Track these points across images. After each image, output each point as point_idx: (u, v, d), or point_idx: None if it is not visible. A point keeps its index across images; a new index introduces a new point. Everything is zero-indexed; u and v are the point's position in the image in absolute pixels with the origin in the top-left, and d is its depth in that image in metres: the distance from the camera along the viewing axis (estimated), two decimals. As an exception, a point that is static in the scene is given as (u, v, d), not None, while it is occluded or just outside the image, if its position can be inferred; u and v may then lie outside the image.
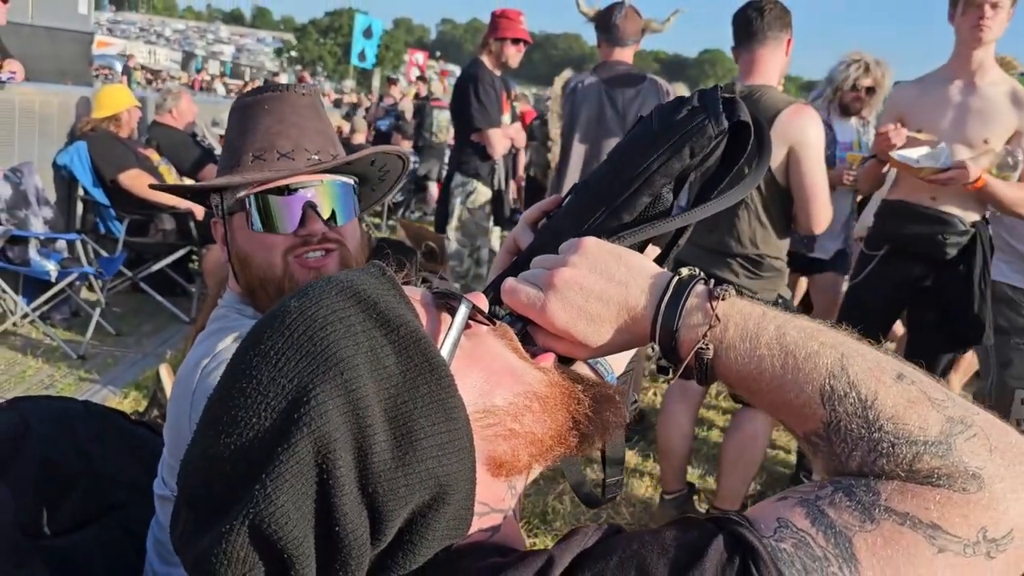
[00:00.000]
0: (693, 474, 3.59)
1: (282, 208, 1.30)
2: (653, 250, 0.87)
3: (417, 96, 12.48)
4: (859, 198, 4.08)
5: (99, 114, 5.36)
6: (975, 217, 2.95)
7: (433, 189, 9.86)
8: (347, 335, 0.58)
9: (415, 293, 0.69)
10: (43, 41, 7.60)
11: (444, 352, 0.64)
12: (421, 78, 16.04)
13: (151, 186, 1.71)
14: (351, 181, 1.38)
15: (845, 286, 3.69)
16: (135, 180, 5.13)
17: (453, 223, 4.76)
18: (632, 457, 3.76)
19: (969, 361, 3.85)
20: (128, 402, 3.86)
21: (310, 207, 1.31)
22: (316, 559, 0.58)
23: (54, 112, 5.44)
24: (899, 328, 3.88)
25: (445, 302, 0.69)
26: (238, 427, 0.56)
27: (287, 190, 1.30)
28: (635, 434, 3.94)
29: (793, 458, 3.91)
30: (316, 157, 1.34)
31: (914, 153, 2.87)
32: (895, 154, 2.88)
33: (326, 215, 1.32)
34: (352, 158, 1.38)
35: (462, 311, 0.67)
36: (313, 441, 0.55)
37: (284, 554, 0.56)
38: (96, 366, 4.36)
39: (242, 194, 1.31)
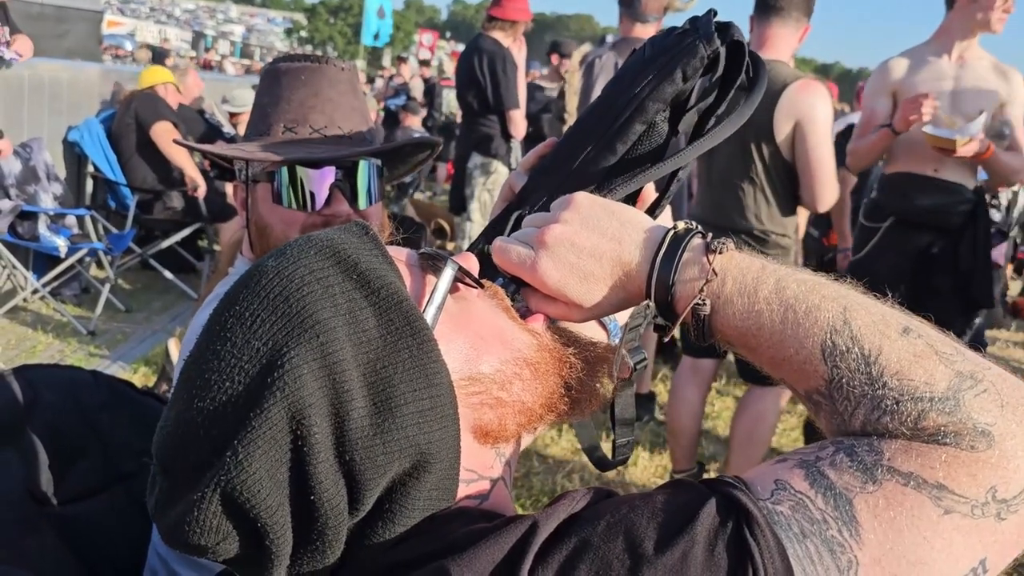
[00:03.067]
0: (703, 454, 3.58)
1: (309, 185, 1.28)
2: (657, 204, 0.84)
3: (424, 78, 12.41)
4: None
5: (139, 86, 5.49)
6: (973, 184, 3.02)
7: (443, 169, 9.83)
8: (325, 296, 0.56)
9: (399, 253, 0.67)
10: (52, 20, 7.60)
11: (428, 315, 0.61)
12: (426, 63, 15.95)
13: (176, 141, 1.70)
14: (378, 163, 1.36)
15: None
16: (167, 133, 5.21)
17: (475, 205, 4.72)
18: (643, 437, 3.76)
19: None
20: (137, 377, 3.87)
21: (337, 188, 1.29)
22: (292, 529, 0.56)
23: (63, 88, 5.44)
24: None
25: (431, 263, 0.66)
26: (211, 391, 0.54)
27: (314, 164, 1.28)
28: (645, 414, 3.93)
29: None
30: (348, 136, 1.32)
31: (947, 128, 2.89)
32: (930, 129, 2.88)
33: (352, 197, 1.31)
34: (389, 147, 1.36)
35: (447, 272, 0.64)
36: (287, 406, 0.53)
37: (258, 523, 0.54)
38: (106, 342, 4.38)
39: (269, 166, 1.29)
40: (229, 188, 5.48)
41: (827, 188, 2.64)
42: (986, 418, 0.55)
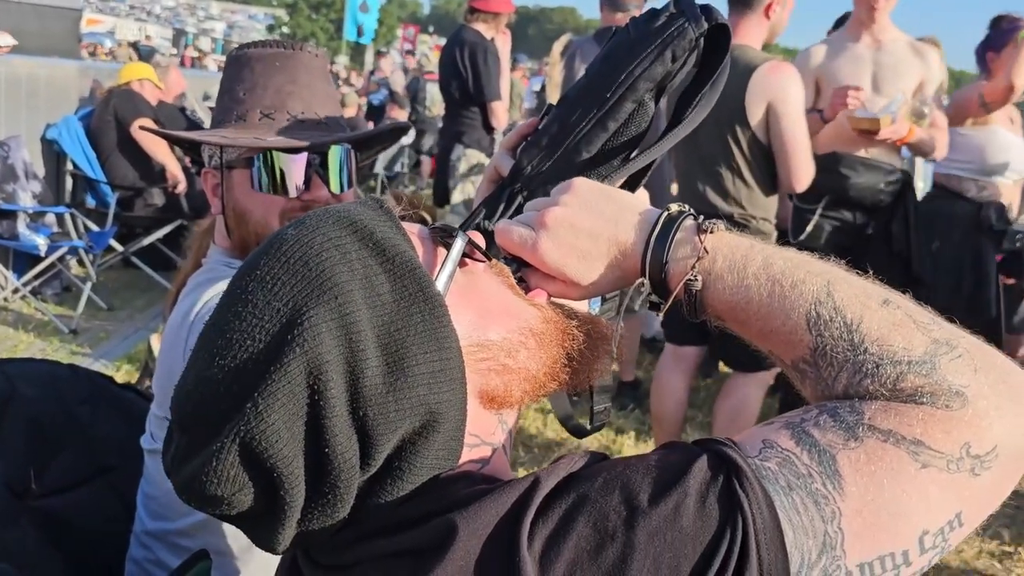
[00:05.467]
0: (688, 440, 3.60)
1: (287, 170, 1.28)
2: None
3: (406, 69, 12.42)
4: None
5: (116, 83, 5.41)
6: (899, 164, 3.16)
7: (427, 163, 9.81)
8: (342, 261, 0.59)
9: (412, 228, 0.70)
10: (31, 18, 7.54)
11: (439, 284, 0.65)
12: (411, 52, 15.94)
13: (144, 127, 1.69)
14: (348, 147, 1.36)
15: None
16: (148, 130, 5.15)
17: (457, 197, 4.71)
18: (628, 424, 3.78)
19: None
20: (120, 375, 3.85)
21: (316, 173, 1.29)
22: (305, 481, 0.58)
23: (41, 85, 5.39)
24: None
25: (442, 236, 0.69)
26: (232, 349, 0.57)
27: (293, 150, 1.28)
28: (631, 401, 3.96)
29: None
30: (325, 121, 1.33)
31: (871, 108, 3.02)
32: (859, 113, 2.99)
33: (329, 182, 1.31)
34: (371, 133, 1.40)
35: (458, 244, 0.68)
36: (306, 362, 0.55)
37: (274, 473, 0.57)
38: (88, 340, 4.35)
39: (246, 152, 1.29)
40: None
41: (803, 168, 2.66)
42: (960, 380, 0.58)
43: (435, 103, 10.01)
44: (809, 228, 3.15)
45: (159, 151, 5.19)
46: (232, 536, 1.28)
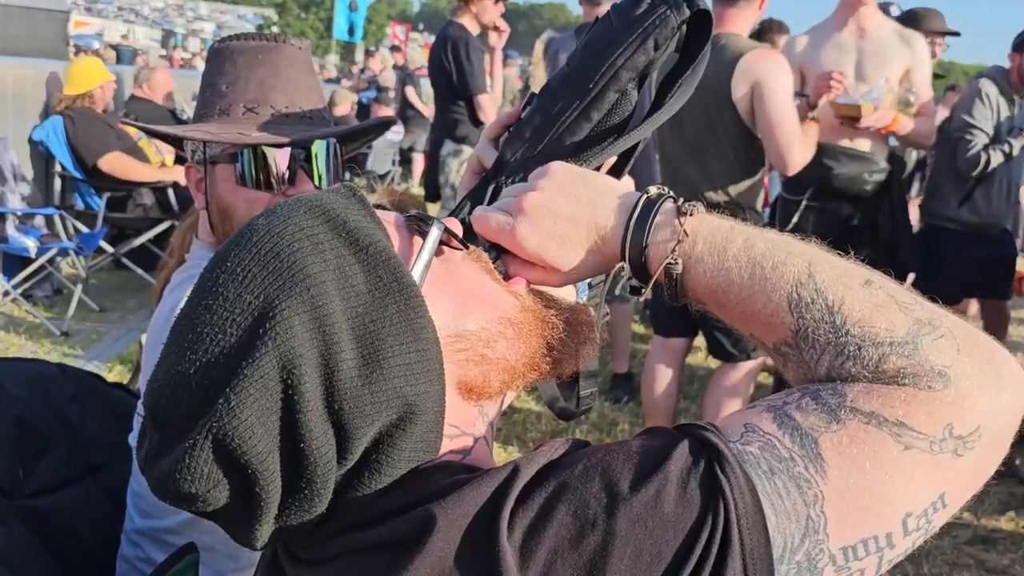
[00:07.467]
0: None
1: (273, 164, 1.27)
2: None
3: (396, 66, 12.40)
4: None
5: (71, 91, 5.16)
6: (886, 153, 3.16)
7: (419, 160, 9.79)
8: (315, 252, 0.58)
9: (388, 216, 0.69)
10: (19, 20, 7.50)
11: (415, 274, 0.63)
12: (397, 48, 15.91)
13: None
14: (334, 142, 1.36)
15: None
16: (116, 162, 5.01)
17: (448, 192, 4.70)
18: (622, 417, 3.78)
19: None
20: (113, 376, 3.83)
21: (301, 168, 1.28)
22: (281, 477, 0.57)
23: (28, 87, 5.35)
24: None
25: (417, 225, 0.68)
26: (203, 344, 0.56)
27: (286, 145, 1.28)
28: (625, 394, 3.96)
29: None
30: (309, 115, 1.33)
31: (855, 96, 3.04)
32: (840, 99, 3.01)
33: (315, 176, 1.30)
34: (357, 128, 1.40)
35: (433, 233, 0.66)
36: (278, 356, 0.54)
37: (248, 469, 0.56)
38: (80, 342, 4.34)
39: (230, 147, 1.28)
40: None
41: (793, 149, 2.63)
42: (943, 360, 0.58)
43: (430, 98, 9.96)
44: (793, 221, 3.16)
45: (138, 175, 5.04)
46: (221, 532, 1.28)
